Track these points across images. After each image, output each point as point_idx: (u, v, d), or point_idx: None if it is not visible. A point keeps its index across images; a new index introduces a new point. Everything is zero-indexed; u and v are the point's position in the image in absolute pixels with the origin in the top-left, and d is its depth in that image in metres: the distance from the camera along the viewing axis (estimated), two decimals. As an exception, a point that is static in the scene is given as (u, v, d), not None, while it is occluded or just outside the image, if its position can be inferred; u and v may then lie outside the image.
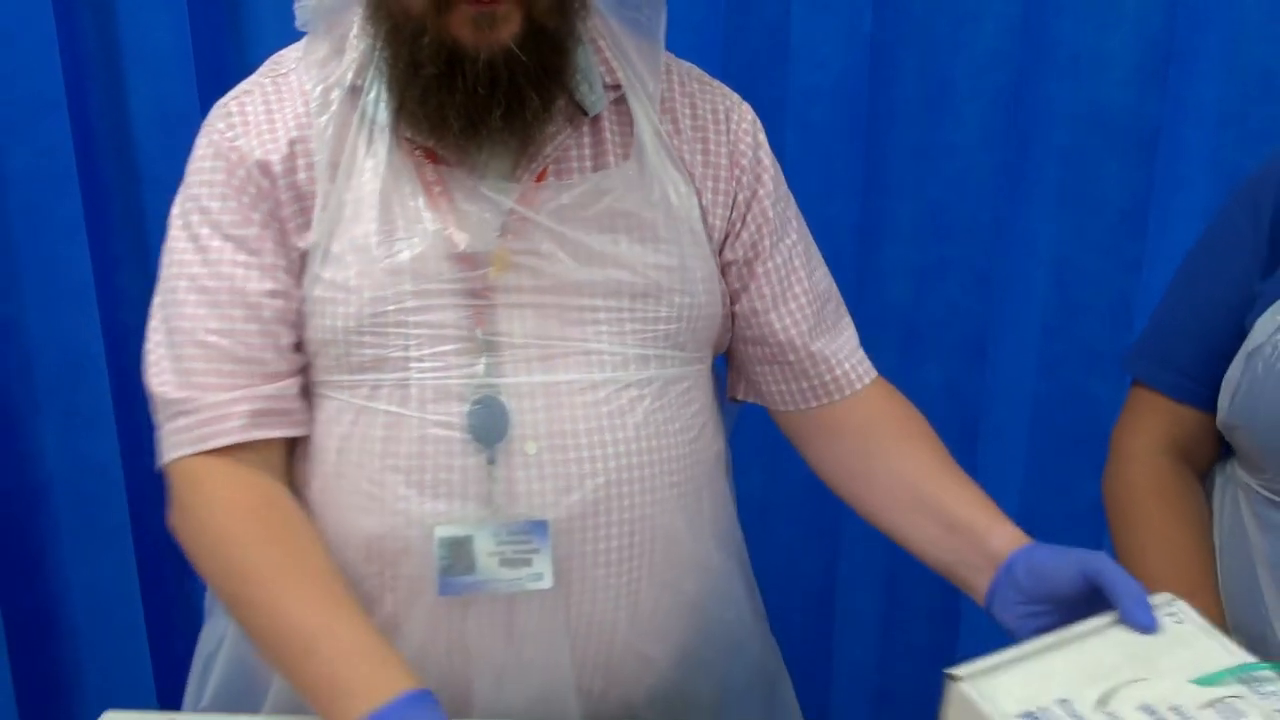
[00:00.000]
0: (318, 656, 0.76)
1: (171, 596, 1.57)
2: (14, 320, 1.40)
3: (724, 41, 1.42)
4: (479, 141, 0.80)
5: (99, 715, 0.78)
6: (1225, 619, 0.91)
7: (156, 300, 0.87)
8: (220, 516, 0.81)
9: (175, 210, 0.87)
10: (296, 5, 0.86)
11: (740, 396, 1.00)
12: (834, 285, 0.99)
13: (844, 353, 0.96)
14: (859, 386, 0.95)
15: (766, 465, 1.56)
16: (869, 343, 1.53)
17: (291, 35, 0.91)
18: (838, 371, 0.94)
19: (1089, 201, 1.46)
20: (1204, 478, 0.98)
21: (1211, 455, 0.97)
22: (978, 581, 0.86)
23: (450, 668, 0.85)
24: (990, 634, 1.61)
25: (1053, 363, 1.50)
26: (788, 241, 0.94)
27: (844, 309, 0.99)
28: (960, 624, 1.62)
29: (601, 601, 0.85)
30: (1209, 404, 0.92)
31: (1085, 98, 1.42)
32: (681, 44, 1.40)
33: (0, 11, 1.27)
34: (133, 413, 1.47)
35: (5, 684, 1.44)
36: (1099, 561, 0.77)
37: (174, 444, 0.83)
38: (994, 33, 1.43)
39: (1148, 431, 0.95)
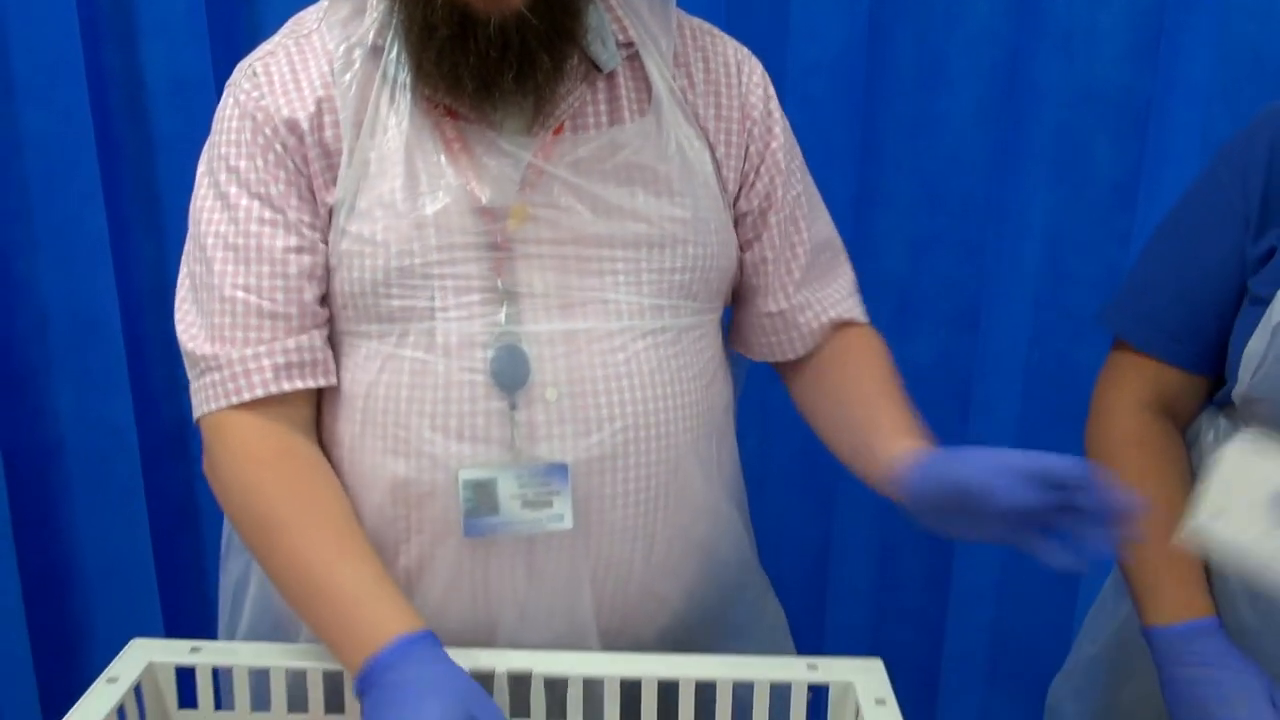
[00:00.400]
0: (327, 602, 0.80)
1: (182, 551, 1.59)
2: (30, 280, 1.42)
3: (727, 16, 1.44)
4: (493, 101, 0.83)
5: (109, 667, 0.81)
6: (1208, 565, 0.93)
7: (185, 256, 0.90)
8: (246, 467, 0.85)
9: (201, 168, 0.89)
10: None
11: (732, 346, 1.03)
12: (835, 233, 1.01)
13: (828, 302, 0.98)
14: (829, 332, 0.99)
15: (762, 432, 1.59)
16: None
17: (302, 2, 0.94)
18: (815, 325, 0.98)
19: (1080, 175, 1.48)
20: (1184, 431, 1.00)
21: (1193, 411, 0.99)
22: (882, 470, 0.89)
23: (474, 608, 0.88)
24: (981, 598, 1.65)
25: (1043, 333, 1.53)
26: (793, 192, 0.96)
27: (841, 257, 1.02)
28: (950, 588, 1.65)
29: (619, 543, 0.88)
30: (1194, 364, 0.95)
31: (1077, 73, 1.44)
32: (684, 17, 1.44)
33: None
34: (145, 373, 1.49)
35: (22, 636, 1.48)
36: (965, 476, 0.79)
37: (204, 399, 0.86)
38: (988, 10, 1.45)
39: (1131, 388, 0.97)
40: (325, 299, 0.88)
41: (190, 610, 1.59)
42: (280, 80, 0.87)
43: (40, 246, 1.41)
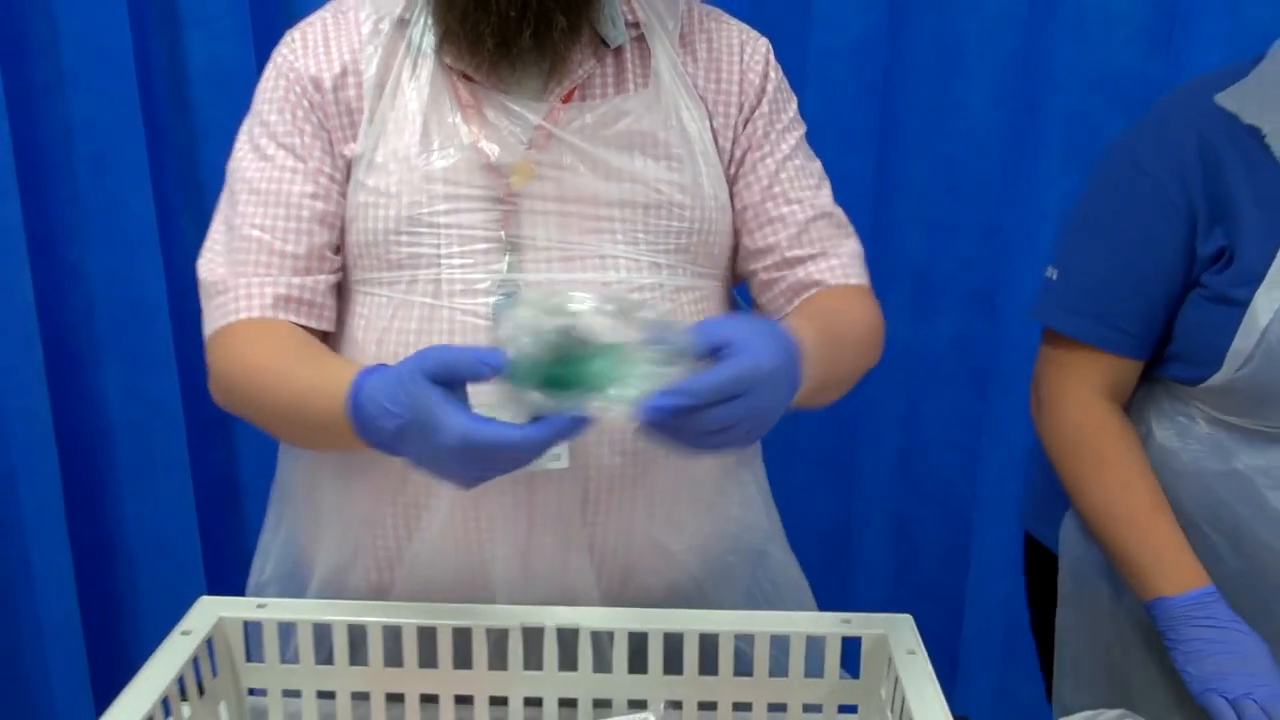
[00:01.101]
0: (301, 396, 0.85)
1: (226, 528, 1.65)
2: (79, 265, 1.47)
3: (750, 3, 1.47)
4: (510, 60, 0.88)
5: (156, 639, 0.84)
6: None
7: (219, 204, 0.96)
8: (244, 353, 0.90)
9: (242, 128, 0.96)
10: None
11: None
12: (838, 209, 1.03)
13: (824, 267, 0.99)
14: (833, 284, 0.97)
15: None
16: (881, 294, 1.55)
17: (338, -4, 0.99)
18: (806, 283, 0.98)
19: (1094, 158, 1.51)
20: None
21: (1132, 389, 1.04)
22: None
23: (470, 551, 0.92)
24: (997, 573, 1.68)
25: (1059, 314, 1.56)
26: (775, 157, 0.98)
27: (846, 230, 1.02)
28: (969, 564, 1.69)
29: (617, 487, 0.92)
30: (1143, 352, 1.00)
31: (1091, 58, 1.47)
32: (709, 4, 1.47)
33: None
34: (191, 354, 1.53)
35: (73, 609, 1.53)
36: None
37: (211, 320, 0.92)
38: None
39: (1085, 379, 1.01)
40: (339, 249, 0.94)
41: (233, 581, 1.61)
42: (313, 45, 0.94)
43: (89, 233, 1.46)
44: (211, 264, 0.94)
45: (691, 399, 0.69)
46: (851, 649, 0.88)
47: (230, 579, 1.64)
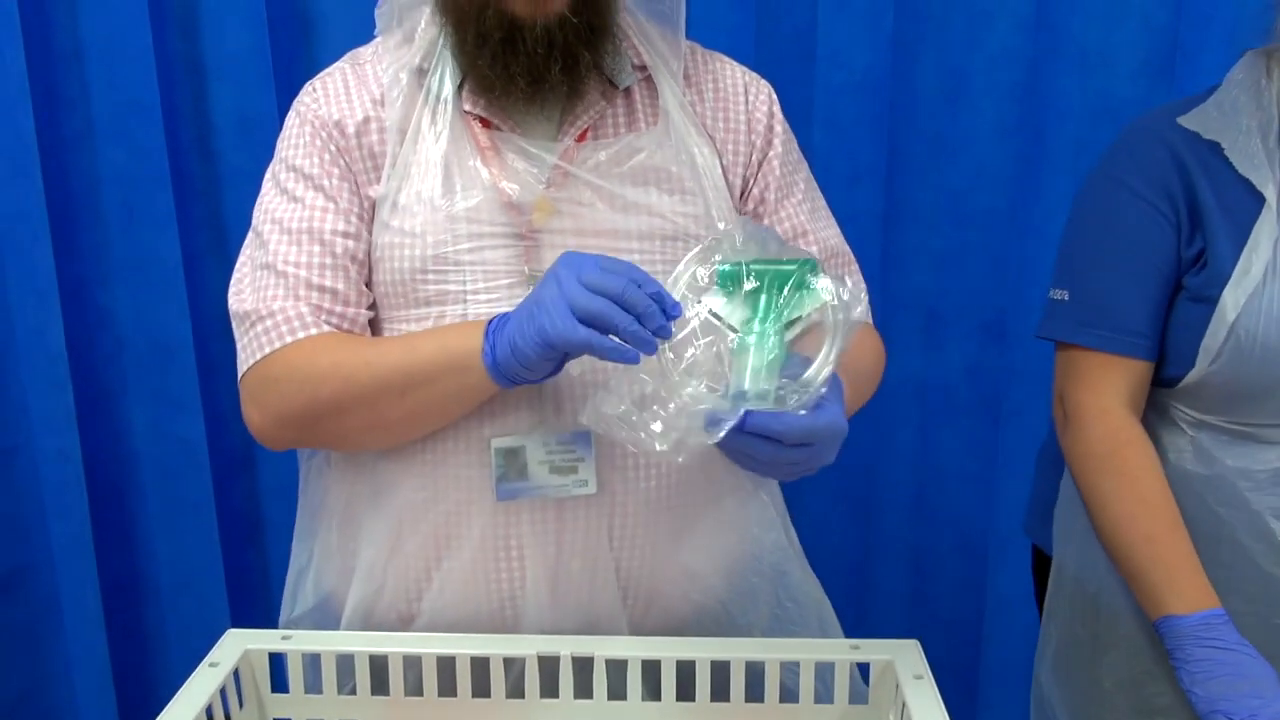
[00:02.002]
0: (424, 342, 0.88)
1: (250, 565, 1.68)
2: (109, 309, 1.51)
3: (755, 44, 1.51)
4: (542, 96, 0.92)
5: (182, 674, 0.86)
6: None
7: (245, 247, 0.98)
8: (301, 364, 0.91)
9: (266, 176, 0.99)
10: (377, 11, 0.99)
11: None
12: (845, 246, 1.08)
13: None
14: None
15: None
16: (893, 325, 1.63)
17: (358, 43, 1.03)
18: None
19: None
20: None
21: (1145, 398, 1.07)
22: None
23: (501, 571, 0.94)
24: (1015, 604, 1.68)
25: (1070, 343, 1.57)
26: (794, 199, 1.04)
27: (854, 268, 1.08)
28: (986, 595, 1.69)
29: (643, 511, 0.94)
30: (1152, 352, 1.05)
31: (1095, 91, 1.49)
32: (716, 46, 1.50)
33: (103, 26, 1.39)
34: (216, 394, 1.58)
35: (101, 643, 1.55)
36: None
37: (253, 349, 0.93)
38: (1008, 30, 1.51)
39: (1107, 390, 1.04)
40: (370, 286, 0.96)
41: (257, 616, 1.66)
42: (335, 93, 0.98)
43: (117, 277, 1.50)
44: (241, 297, 0.95)
45: (782, 435, 0.77)
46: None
47: (254, 614, 1.67)
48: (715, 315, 0.83)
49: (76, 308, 1.50)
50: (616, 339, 0.80)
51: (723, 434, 0.77)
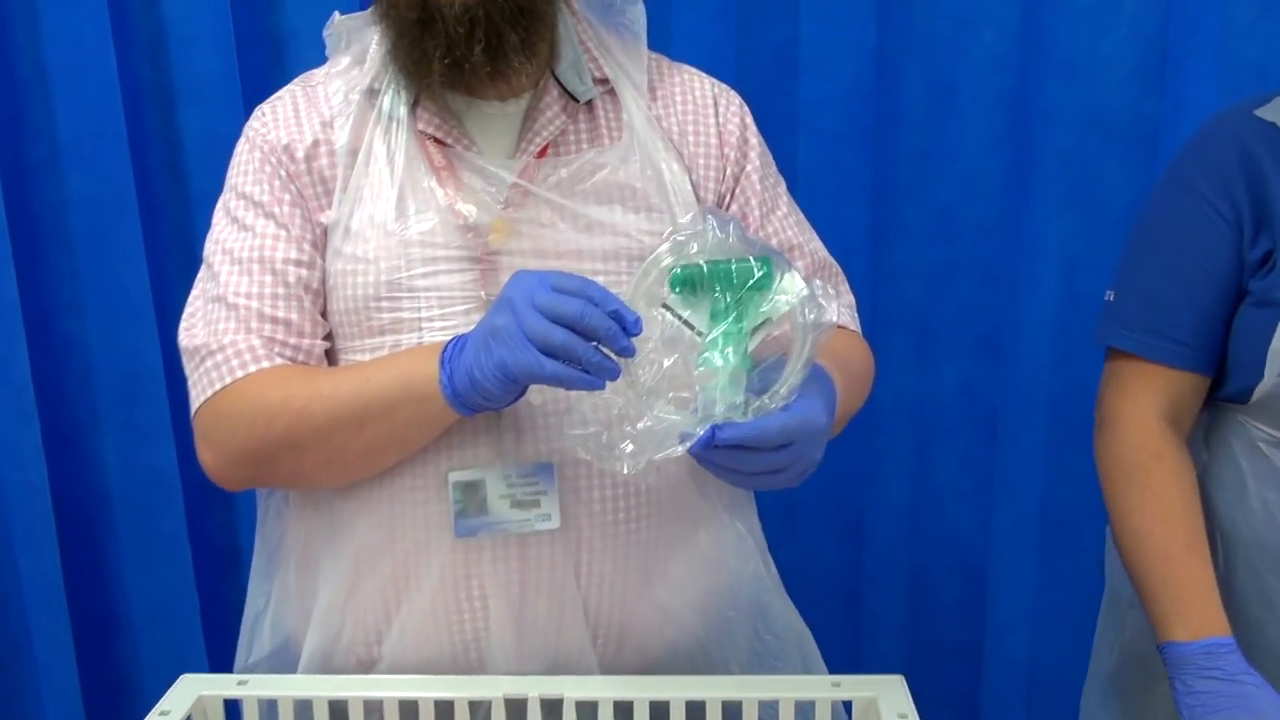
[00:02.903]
0: (379, 372, 0.85)
1: (226, 598, 1.63)
2: (78, 338, 1.48)
3: (737, 57, 1.48)
4: (464, 82, 0.88)
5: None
6: (1215, 557, 0.95)
7: (196, 281, 0.95)
8: (253, 399, 0.87)
9: (218, 205, 0.96)
10: (325, 33, 0.97)
11: None
12: (831, 259, 1.05)
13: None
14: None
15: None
16: (884, 342, 1.59)
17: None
18: None
19: (1093, 199, 1.49)
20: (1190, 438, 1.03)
21: (1196, 413, 1.02)
22: None
23: (464, 614, 0.90)
24: (1015, 625, 1.65)
25: (1065, 356, 1.53)
26: (779, 213, 1.00)
27: (842, 279, 1.05)
28: (985, 617, 1.65)
29: (610, 545, 0.90)
30: (1202, 365, 0.99)
31: (1085, 99, 1.46)
32: (696, 61, 1.46)
33: (67, 51, 1.36)
34: (188, 424, 1.52)
35: (72, 679, 1.51)
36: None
37: (204, 385, 0.90)
38: (994, 38, 1.48)
39: (1144, 399, 0.99)
40: (325, 315, 0.93)
41: (233, 651, 1.61)
42: (284, 117, 0.95)
43: (86, 305, 1.47)
44: (192, 331, 0.92)
45: (757, 441, 0.75)
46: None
47: (230, 648, 1.61)
48: (681, 319, 0.79)
49: (44, 337, 1.47)
50: (581, 367, 0.76)
51: (694, 447, 0.74)
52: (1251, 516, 0.98)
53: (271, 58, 1.44)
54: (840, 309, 1.02)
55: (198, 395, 0.90)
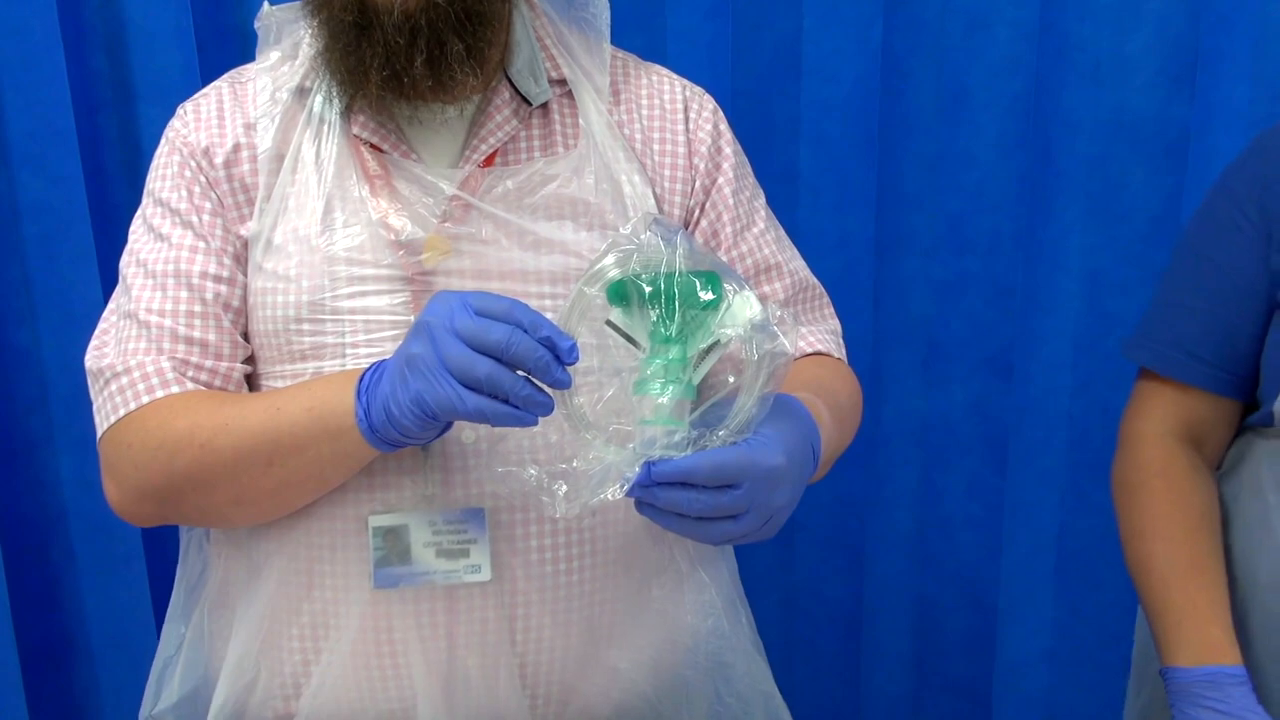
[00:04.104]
0: (289, 402, 0.76)
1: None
2: (30, 350, 1.41)
3: (734, 57, 1.41)
4: (404, 93, 0.81)
5: None
6: (1232, 599, 0.90)
7: (113, 293, 0.88)
8: (155, 429, 0.80)
9: (136, 214, 0.89)
10: (256, 23, 0.89)
11: None
12: (813, 278, 0.98)
13: (813, 339, 0.94)
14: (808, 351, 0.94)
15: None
16: (889, 360, 1.52)
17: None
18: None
19: (1117, 210, 1.42)
20: (1220, 458, 0.97)
21: (1224, 437, 0.96)
22: None
23: (387, 671, 0.82)
24: (1028, 665, 1.56)
25: (1086, 378, 1.46)
26: (754, 230, 0.93)
27: (825, 302, 0.98)
28: (996, 654, 1.56)
29: (550, 600, 0.82)
30: (1222, 386, 0.93)
31: (1108, 103, 1.38)
32: (691, 61, 1.41)
33: (8, 46, 1.30)
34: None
35: (20, 711, 1.45)
36: None
37: (106, 411, 0.82)
38: (1009, 38, 1.40)
39: (1156, 416, 0.95)
40: (247, 337, 0.85)
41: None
42: (206, 116, 0.88)
43: (40, 315, 1.41)
44: (102, 350, 0.85)
45: (691, 473, 0.66)
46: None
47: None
48: (625, 336, 0.70)
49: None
50: (509, 401, 0.68)
51: (630, 489, 0.66)
52: (1275, 555, 0.89)
53: (237, 53, 1.37)
54: (824, 334, 0.95)
55: (101, 421, 0.83)
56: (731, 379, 0.69)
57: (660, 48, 1.41)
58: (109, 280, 1.39)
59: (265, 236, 0.83)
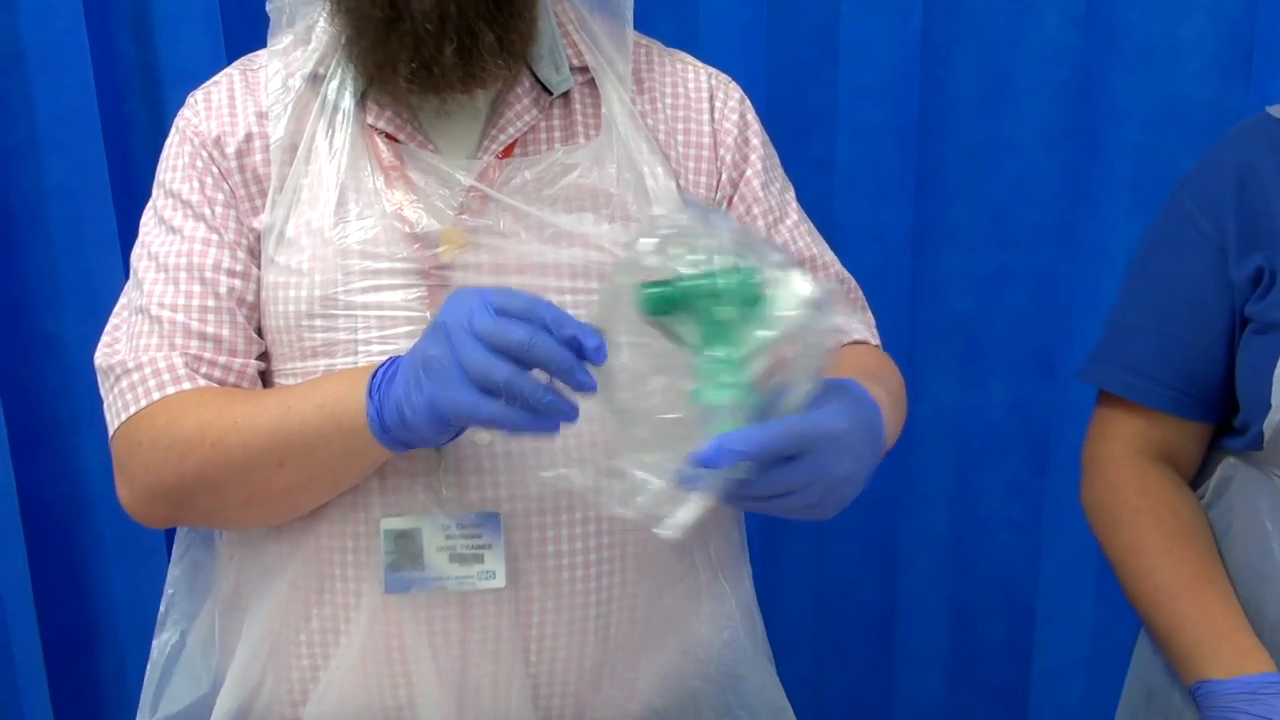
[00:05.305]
0: (301, 400, 0.75)
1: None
2: (57, 337, 1.42)
3: (768, 43, 1.38)
4: (436, 86, 0.78)
5: None
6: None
7: (122, 294, 0.87)
8: (165, 427, 0.78)
9: (148, 205, 0.87)
10: (268, 6, 0.87)
11: None
12: (847, 274, 0.95)
13: (855, 327, 0.92)
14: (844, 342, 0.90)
15: (819, 486, 1.51)
16: (926, 356, 1.49)
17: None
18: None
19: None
20: (1192, 483, 0.94)
21: (1195, 458, 0.93)
22: None
23: (395, 677, 0.80)
24: (1066, 672, 1.52)
25: (1130, 377, 1.42)
26: (788, 223, 0.90)
27: (860, 296, 0.95)
28: (1033, 659, 1.53)
29: (566, 609, 0.80)
30: (1187, 409, 0.90)
31: (1158, 91, 1.34)
32: (724, 48, 1.38)
33: (36, 30, 1.30)
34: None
35: (44, 699, 1.45)
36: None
37: (117, 409, 0.81)
38: (1056, 24, 1.37)
39: (1122, 437, 0.92)
40: (260, 332, 0.84)
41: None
42: (217, 105, 0.86)
43: (65, 301, 1.41)
44: (113, 347, 0.83)
45: (744, 452, 0.63)
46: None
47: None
48: (669, 334, 0.67)
49: (20, 335, 1.40)
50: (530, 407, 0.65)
51: (688, 520, 0.63)
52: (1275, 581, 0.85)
53: (263, 38, 1.35)
54: (862, 326, 0.92)
55: (112, 419, 0.81)
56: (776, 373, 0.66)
57: (693, 34, 1.39)
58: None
59: (278, 229, 0.81)
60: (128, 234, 1.36)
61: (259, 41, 1.36)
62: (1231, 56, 1.30)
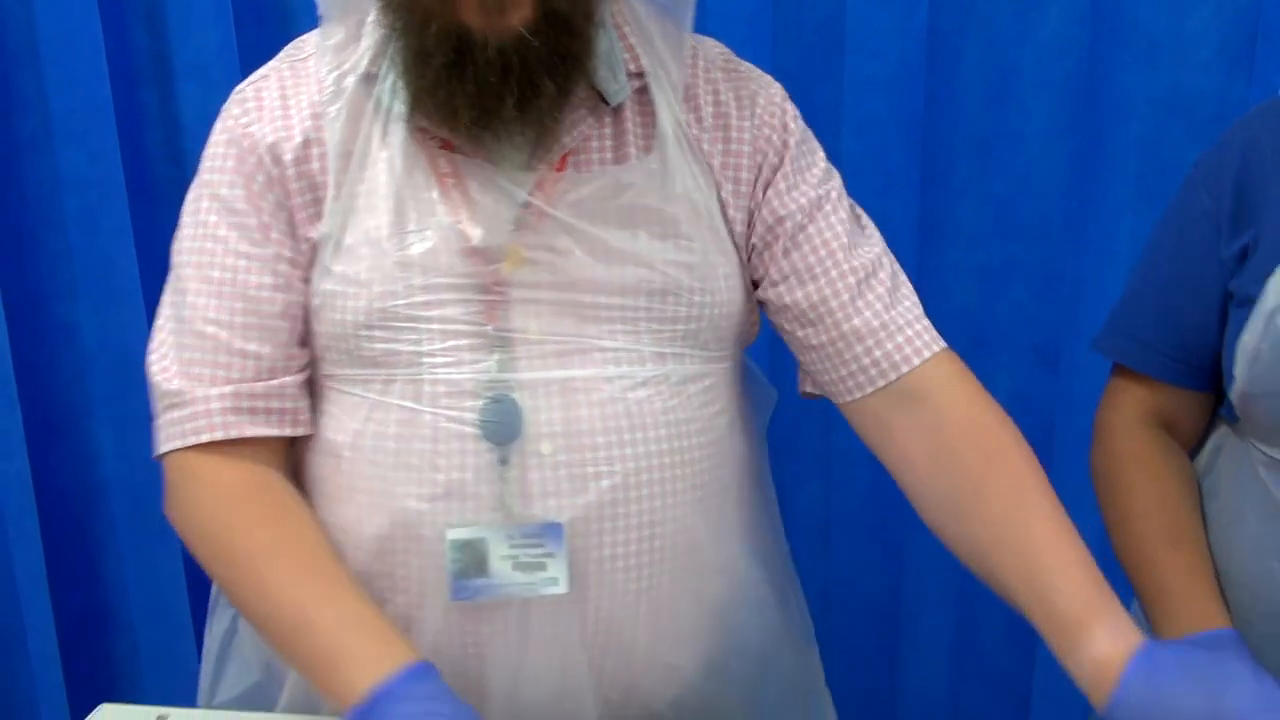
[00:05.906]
0: (313, 631, 0.76)
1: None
2: (72, 325, 1.44)
3: (773, 35, 1.39)
4: (494, 131, 0.78)
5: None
6: (1216, 579, 0.88)
7: (167, 286, 0.87)
8: (209, 503, 0.81)
9: (189, 197, 0.86)
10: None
11: (810, 390, 0.93)
12: (888, 255, 0.91)
13: (897, 325, 0.87)
14: (917, 362, 0.86)
15: (825, 478, 1.51)
16: None
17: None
18: (889, 346, 0.85)
19: (1171, 195, 1.36)
20: (1193, 451, 0.96)
21: (1197, 429, 0.95)
22: (1078, 676, 0.78)
23: (463, 671, 0.83)
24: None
25: (1135, 370, 1.42)
26: (822, 211, 0.88)
27: (900, 280, 0.91)
28: (1037, 649, 1.53)
29: (620, 607, 0.82)
30: (1188, 379, 0.93)
31: (1164, 83, 1.34)
32: (729, 38, 1.36)
33: (50, 22, 1.32)
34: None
35: (57, 683, 1.47)
36: (1235, 698, 0.68)
37: (167, 436, 0.84)
38: (1061, 17, 1.37)
39: (1127, 408, 0.95)
40: (305, 341, 0.84)
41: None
42: (270, 106, 0.83)
43: (80, 289, 1.43)
44: (164, 363, 0.84)
45: None
46: None
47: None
48: None
49: (36, 323, 1.43)
50: None
51: None
52: (1247, 549, 0.86)
53: (275, 30, 1.38)
54: (918, 321, 0.89)
55: (163, 440, 0.84)
56: None
57: (698, 25, 1.38)
58: (146, 256, 1.41)
59: (335, 238, 0.81)
60: (141, 224, 1.39)
61: (271, 32, 1.38)
62: (1236, 50, 1.30)
